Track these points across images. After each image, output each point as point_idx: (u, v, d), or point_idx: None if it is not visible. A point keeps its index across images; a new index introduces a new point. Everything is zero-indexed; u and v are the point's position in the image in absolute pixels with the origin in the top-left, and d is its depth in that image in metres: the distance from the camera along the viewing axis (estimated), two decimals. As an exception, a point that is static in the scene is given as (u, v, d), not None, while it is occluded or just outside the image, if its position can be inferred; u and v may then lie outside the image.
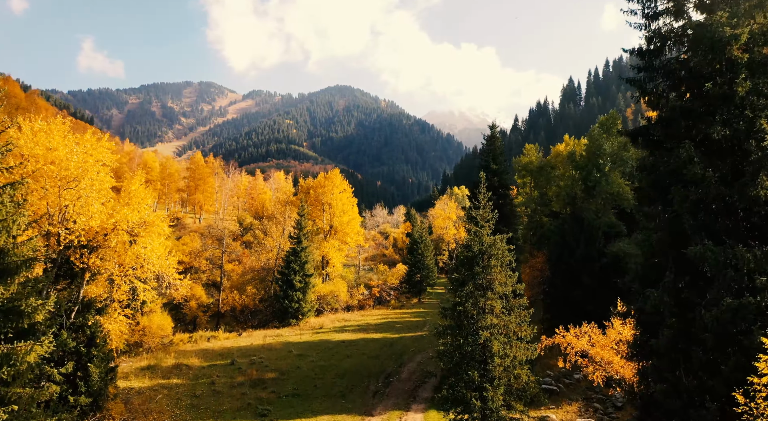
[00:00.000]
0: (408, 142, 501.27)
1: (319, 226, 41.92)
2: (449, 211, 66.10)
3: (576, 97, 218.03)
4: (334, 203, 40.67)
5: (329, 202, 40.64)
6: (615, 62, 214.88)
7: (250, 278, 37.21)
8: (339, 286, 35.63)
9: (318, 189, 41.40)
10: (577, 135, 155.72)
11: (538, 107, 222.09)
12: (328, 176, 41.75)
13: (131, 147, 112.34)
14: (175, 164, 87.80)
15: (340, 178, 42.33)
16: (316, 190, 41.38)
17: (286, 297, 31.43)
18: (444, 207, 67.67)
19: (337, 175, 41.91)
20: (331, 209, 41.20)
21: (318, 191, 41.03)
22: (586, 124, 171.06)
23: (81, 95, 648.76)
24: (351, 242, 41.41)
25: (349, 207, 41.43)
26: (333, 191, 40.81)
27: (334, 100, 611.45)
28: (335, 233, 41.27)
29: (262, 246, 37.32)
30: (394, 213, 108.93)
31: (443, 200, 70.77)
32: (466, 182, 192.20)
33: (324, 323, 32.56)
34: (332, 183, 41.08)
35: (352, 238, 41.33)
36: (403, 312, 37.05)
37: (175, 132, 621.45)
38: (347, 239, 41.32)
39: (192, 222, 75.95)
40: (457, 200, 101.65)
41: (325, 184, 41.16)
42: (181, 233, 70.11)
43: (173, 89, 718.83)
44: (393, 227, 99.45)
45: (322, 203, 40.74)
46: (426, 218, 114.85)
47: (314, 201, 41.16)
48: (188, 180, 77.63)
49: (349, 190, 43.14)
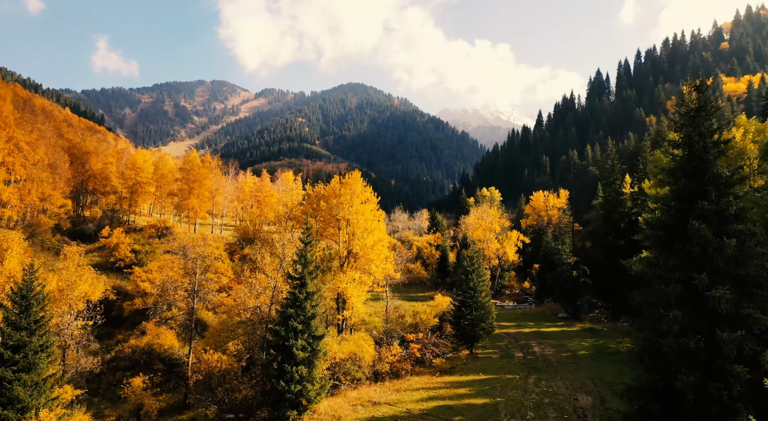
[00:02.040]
0: (422, 140, 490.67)
1: (333, 250, 30.25)
2: (490, 220, 53.65)
3: (605, 90, 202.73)
4: (354, 219, 28.53)
5: (347, 217, 28.64)
6: (648, 52, 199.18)
7: (236, 325, 25.78)
8: (362, 344, 23.77)
9: (331, 199, 29.16)
10: (612, 131, 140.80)
11: (564, 102, 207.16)
12: (346, 182, 29.27)
13: (125, 144, 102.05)
14: (170, 163, 76.78)
15: (361, 185, 29.58)
16: (329, 201, 29.19)
17: (282, 375, 19.65)
18: (483, 216, 55.32)
19: (357, 180, 29.53)
20: (349, 227, 29.12)
21: (331, 202, 28.85)
22: (621, 118, 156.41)
23: (94, 94, 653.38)
24: (377, 271, 29.16)
25: (374, 224, 29.17)
26: (352, 202, 28.73)
27: (346, 98, 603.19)
28: (355, 259, 29.32)
29: (252, 283, 25.59)
30: (415, 217, 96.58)
31: (482, 208, 58.25)
32: (490, 183, 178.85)
33: (341, 412, 20.71)
34: (351, 191, 28.81)
35: (378, 266, 29.09)
36: (455, 380, 25.19)
37: (188, 131, 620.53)
38: (372, 267, 29.31)
39: (184, 232, 64.79)
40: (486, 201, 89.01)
41: (341, 193, 28.80)
42: (171, 244, 58.97)
43: (186, 88, 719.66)
44: (415, 234, 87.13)
45: (337, 219, 28.74)
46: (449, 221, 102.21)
47: (327, 215, 29.25)
48: (181, 182, 66.56)
49: (374, 200, 30.73)
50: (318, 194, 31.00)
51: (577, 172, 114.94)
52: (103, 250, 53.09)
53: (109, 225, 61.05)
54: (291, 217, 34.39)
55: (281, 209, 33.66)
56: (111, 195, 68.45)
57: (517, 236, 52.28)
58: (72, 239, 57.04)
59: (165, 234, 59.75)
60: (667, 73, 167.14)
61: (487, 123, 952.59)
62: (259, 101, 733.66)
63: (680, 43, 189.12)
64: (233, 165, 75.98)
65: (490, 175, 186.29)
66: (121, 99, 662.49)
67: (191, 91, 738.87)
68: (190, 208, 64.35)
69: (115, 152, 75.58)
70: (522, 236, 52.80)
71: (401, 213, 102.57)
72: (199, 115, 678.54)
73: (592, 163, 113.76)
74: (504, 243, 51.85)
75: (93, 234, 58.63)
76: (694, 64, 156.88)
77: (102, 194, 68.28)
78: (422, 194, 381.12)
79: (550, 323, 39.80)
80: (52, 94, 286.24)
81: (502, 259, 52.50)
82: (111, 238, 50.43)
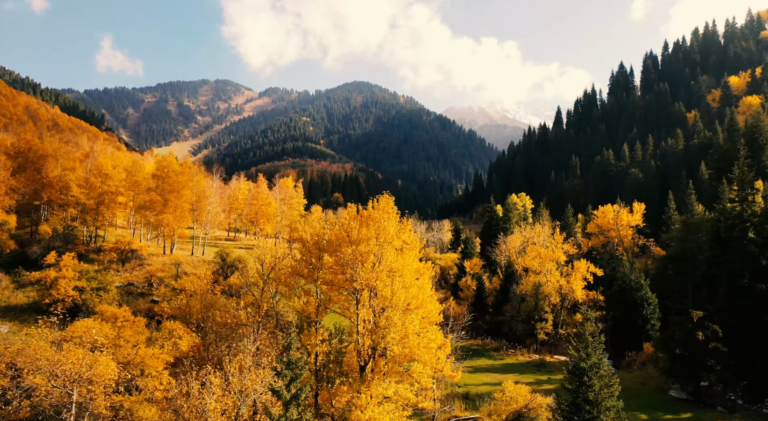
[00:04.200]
0: (428, 139, 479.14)
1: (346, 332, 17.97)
2: (553, 246, 40.51)
3: (629, 84, 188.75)
4: (385, 286, 15.79)
5: (371, 283, 15.58)
6: (676, 44, 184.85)
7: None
8: None
9: (343, 248, 16.40)
10: (647, 128, 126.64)
11: (585, 97, 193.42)
12: (369, 216, 15.78)
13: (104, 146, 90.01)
14: (148, 168, 64.64)
15: (395, 218, 16.26)
16: (339, 253, 16.80)
17: None
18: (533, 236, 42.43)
19: (387, 210, 16.07)
20: (376, 299, 16.62)
21: (343, 254, 16.15)
22: (654, 113, 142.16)
23: (97, 94, 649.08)
24: (424, 375, 15.95)
25: (419, 290, 16.48)
26: (383, 253, 15.84)
27: (351, 97, 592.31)
28: (386, 359, 16.26)
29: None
30: (433, 228, 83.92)
31: (542, 228, 44.79)
32: (509, 186, 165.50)
33: None
34: (378, 231, 14.78)
35: (427, 364, 15.83)
36: None
37: (191, 131, 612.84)
38: (414, 369, 16.10)
39: (158, 256, 52.64)
40: (518, 209, 76.21)
41: (359, 238, 15.26)
42: (135, 273, 46.97)
43: (189, 87, 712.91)
44: (436, 249, 74.45)
45: (354, 284, 15.58)
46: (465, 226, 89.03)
47: (335, 275, 16.49)
48: (155, 192, 54.37)
49: (416, 243, 18.12)
50: (319, 241, 18.46)
51: (616, 175, 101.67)
52: (44, 283, 40.91)
53: (61, 247, 48.99)
54: (273, 279, 21.72)
55: (259, 271, 19.72)
56: (71, 207, 56.43)
57: (586, 267, 39.43)
58: (12, 266, 45.11)
59: (129, 258, 47.63)
60: (702, 65, 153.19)
61: (494, 121, 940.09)
62: (263, 100, 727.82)
63: (712, 34, 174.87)
64: (218, 171, 63.61)
65: (508, 178, 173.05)
66: (124, 99, 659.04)
67: (195, 91, 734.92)
68: (165, 225, 52.17)
69: (82, 155, 63.53)
70: (592, 266, 40.01)
71: (416, 222, 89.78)
72: (202, 115, 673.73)
73: (632, 164, 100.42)
74: (572, 277, 38.96)
75: (39, 258, 46.54)
76: (735, 54, 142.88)
77: (59, 207, 56.31)
78: (430, 195, 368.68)
79: (669, 415, 26.52)
80: (51, 94, 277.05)
81: (566, 297, 39.71)
82: (49, 271, 38.30)
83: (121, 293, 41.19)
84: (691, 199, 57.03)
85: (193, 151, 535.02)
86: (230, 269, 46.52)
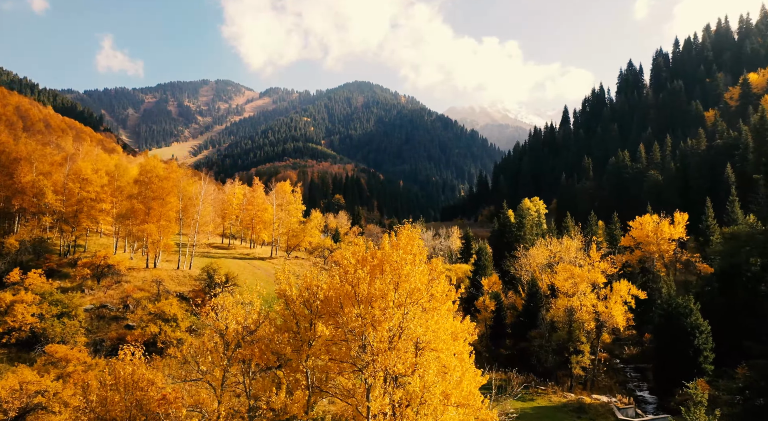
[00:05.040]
0: (430, 139, 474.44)
1: None
2: (588, 264, 34.69)
3: (639, 83, 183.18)
4: (408, 368, 10.20)
5: (390, 366, 9.66)
6: (687, 41, 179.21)
7: None
8: None
9: (348, 309, 10.31)
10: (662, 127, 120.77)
11: (593, 96, 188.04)
12: (386, 259, 10.68)
13: (90, 147, 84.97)
14: (132, 172, 59.44)
15: (424, 267, 11.21)
16: (341, 315, 10.74)
17: None
18: (560, 250, 37.12)
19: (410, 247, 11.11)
20: (398, 390, 10.64)
21: (347, 318, 10.28)
22: (668, 113, 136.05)
23: (97, 95, 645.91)
24: None
25: (462, 379, 10.76)
26: (408, 321, 9.41)
27: (352, 97, 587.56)
28: None
29: None
30: (441, 235, 78.67)
31: (571, 241, 39.17)
32: (516, 188, 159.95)
33: None
34: (403, 280, 9.53)
35: None
36: None
37: (192, 131, 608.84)
38: None
39: (138, 271, 47.53)
40: (531, 214, 70.95)
41: (373, 294, 9.47)
42: (109, 293, 41.99)
43: (190, 88, 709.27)
44: (445, 259, 69.16)
45: (360, 365, 9.79)
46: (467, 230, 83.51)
47: (335, 347, 10.81)
48: (136, 200, 49.24)
49: (450, 293, 12.40)
50: (310, 298, 13.01)
51: (632, 177, 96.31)
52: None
53: (31, 260, 43.97)
54: (241, 356, 15.30)
55: (223, 334, 14.40)
56: (45, 216, 51.39)
57: (627, 289, 33.77)
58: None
59: (105, 274, 42.50)
60: (716, 62, 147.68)
61: (495, 121, 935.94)
62: (264, 100, 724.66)
63: (725, 30, 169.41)
64: (206, 177, 58.44)
65: (514, 180, 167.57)
66: (124, 99, 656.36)
67: (195, 91, 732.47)
68: (148, 236, 47.01)
69: (61, 159, 58.44)
70: (633, 287, 34.41)
71: (423, 229, 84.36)
72: (203, 115, 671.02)
73: (649, 166, 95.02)
74: (611, 301, 33.34)
75: (2, 276, 41.41)
76: (752, 50, 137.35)
77: (33, 215, 51.26)
78: (432, 195, 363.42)
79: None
80: (49, 95, 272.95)
81: (605, 324, 34.17)
82: (4, 293, 33.18)
83: (91, 317, 36.09)
84: (734, 207, 51.59)
85: (194, 152, 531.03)
86: (218, 288, 41.38)
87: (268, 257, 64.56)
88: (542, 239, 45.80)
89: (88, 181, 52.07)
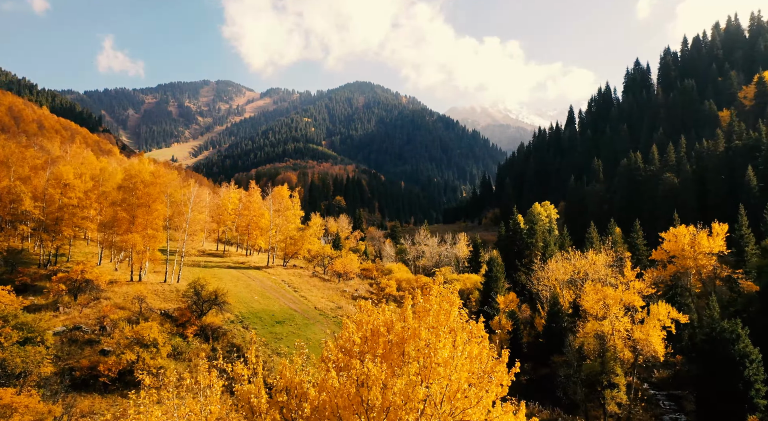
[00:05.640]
0: (431, 140, 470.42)
1: None
2: (624, 284, 30.31)
3: (647, 82, 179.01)
4: None
5: None
6: (696, 40, 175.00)
7: None
8: None
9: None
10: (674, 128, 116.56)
11: (600, 96, 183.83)
12: (405, 340, 7.53)
13: (79, 150, 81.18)
14: (118, 176, 55.57)
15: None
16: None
17: None
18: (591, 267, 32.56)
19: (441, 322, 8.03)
20: None
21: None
22: (679, 113, 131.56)
23: (97, 95, 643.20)
24: None
25: None
26: None
27: (353, 97, 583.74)
28: None
29: None
30: (446, 241, 74.76)
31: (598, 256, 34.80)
32: (521, 191, 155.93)
33: None
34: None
35: None
36: None
37: (192, 132, 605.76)
38: None
39: (121, 285, 43.77)
40: (542, 220, 67.19)
41: (388, 402, 6.61)
42: (87, 312, 38.31)
43: (190, 88, 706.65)
44: (452, 268, 65.21)
45: None
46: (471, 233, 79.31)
47: None
48: (119, 207, 45.49)
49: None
50: (288, 405, 8.90)
51: (645, 180, 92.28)
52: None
53: (5, 273, 40.19)
54: None
55: None
56: (22, 225, 47.64)
57: (666, 312, 29.51)
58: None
59: (83, 289, 38.68)
60: (728, 60, 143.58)
61: (496, 121, 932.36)
62: (264, 101, 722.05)
63: (736, 28, 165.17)
64: (196, 183, 54.58)
65: (519, 181, 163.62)
66: (125, 100, 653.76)
67: (195, 92, 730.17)
68: (132, 246, 43.23)
69: (43, 162, 54.73)
70: (673, 310, 30.22)
71: (427, 234, 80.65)
72: (203, 116, 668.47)
73: (663, 168, 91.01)
74: (647, 325, 29.13)
75: (-30, 293, 37.28)
76: (766, 48, 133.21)
77: (9, 223, 47.50)
78: (434, 196, 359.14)
79: None
80: (48, 95, 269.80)
81: (641, 352, 30.11)
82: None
83: (62, 341, 32.28)
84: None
85: (194, 153, 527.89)
86: (206, 305, 37.60)
87: (265, 265, 60.79)
88: (563, 253, 41.65)
89: (70, 187, 48.38)
